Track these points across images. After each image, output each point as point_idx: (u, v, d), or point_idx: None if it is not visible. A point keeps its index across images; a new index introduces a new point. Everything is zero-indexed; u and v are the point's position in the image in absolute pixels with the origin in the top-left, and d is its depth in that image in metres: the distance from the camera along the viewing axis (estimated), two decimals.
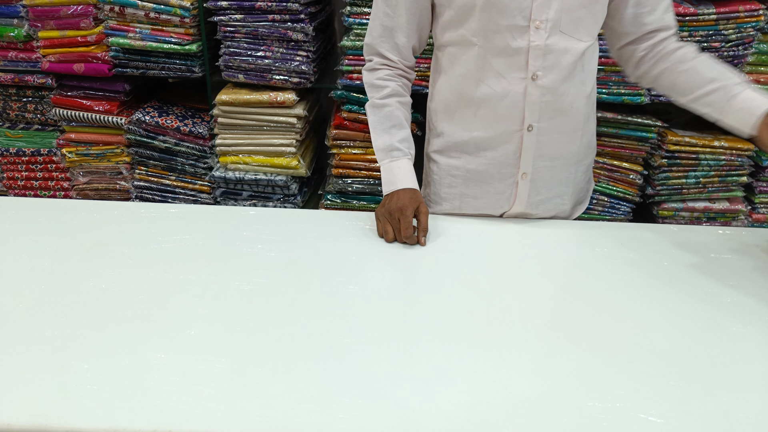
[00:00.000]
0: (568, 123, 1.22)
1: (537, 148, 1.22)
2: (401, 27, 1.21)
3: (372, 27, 1.25)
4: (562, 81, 1.17)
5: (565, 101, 1.19)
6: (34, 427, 0.72)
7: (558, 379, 0.82)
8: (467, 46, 1.17)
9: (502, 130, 1.21)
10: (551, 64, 1.15)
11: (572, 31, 1.14)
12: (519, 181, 1.25)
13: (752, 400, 0.79)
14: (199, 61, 2.29)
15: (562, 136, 1.23)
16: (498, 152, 1.23)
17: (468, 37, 1.15)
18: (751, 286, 1.06)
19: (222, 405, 0.75)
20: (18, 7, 2.26)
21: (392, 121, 1.24)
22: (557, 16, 1.11)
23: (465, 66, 1.19)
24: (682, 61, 1.19)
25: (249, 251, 1.11)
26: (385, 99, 1.24)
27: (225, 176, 2.35)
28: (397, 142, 1.22)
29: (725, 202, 2.40)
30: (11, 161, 2.53)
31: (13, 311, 0.92)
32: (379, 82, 1.25)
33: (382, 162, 1.24)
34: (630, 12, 1.19)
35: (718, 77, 1.14)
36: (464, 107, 1.22)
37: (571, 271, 1.09)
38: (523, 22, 1.11)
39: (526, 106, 1.17)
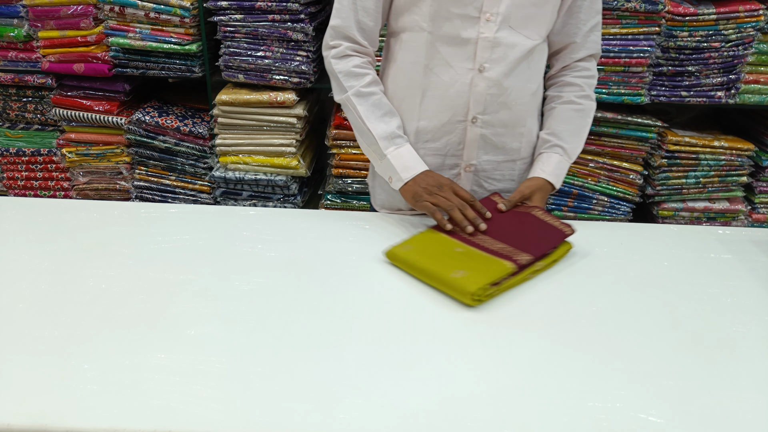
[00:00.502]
0: (511, 117, 1.24)
1: (481, 141, 1.24)
2: (369, 10, 1.19)
3: (340, 9, 1.21)
4: (508, 75, 1.19)
5: (509, 95, 1.21)
6: (34, 427, 0.72)
7: (558, 379, 0.82)
8: (418, 32, 1.18)
9: (447, 120, 1.22)
10: (499, 57, 1.17)
11: (521, 27, 1.17)
12: (462, 173, 1.27)
13: (752, 400, 0.79)
14: (199, 61, 2.29)
15: (505, 130, 1.25)
16: (442, 143, 1.25)
17: (419, 23, 1.16)
18: (751, 286, 1.06)
19: (222, 405, 0.75)
20: (18, 7, 2.26)
21: (383, 109, 1.21)
22: (508, 11, 1.14)
23: (415, 53, 1.20)
24: (552, 100, 1.31)
25: (249, 251, 1.11)
26: (370, 87, 1.21)
27: (225, 176, 2.35)
28: (397, 129, 1.21)
29: (725, 202, 2.40)
30: (11, 161, 2.53)
31: (13, 311, 0.92)
32: (358, 70, 1.22)
33: (387, 150, 1.20)
34: (560, 21, 1.24)
35: (549, 132, 1.28)
36: (411, 96, 1.23)
37: (571, 271, 1.09)
38: (475, 13, 1.14)
39: (471, 97, 1.19)
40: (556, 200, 2.40)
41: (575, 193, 2.40)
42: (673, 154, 2.29)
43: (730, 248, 1.19)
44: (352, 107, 1.21)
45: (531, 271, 1.04)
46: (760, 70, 2.22)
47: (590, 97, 1.29)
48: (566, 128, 1.28)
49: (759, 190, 2.38)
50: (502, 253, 1.04)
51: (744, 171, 2.34)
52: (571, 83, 1.29)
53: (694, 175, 2.34)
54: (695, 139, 2.27)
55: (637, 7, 2.08)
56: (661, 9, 2.09)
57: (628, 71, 2.19)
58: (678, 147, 2.27)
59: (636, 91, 2.21)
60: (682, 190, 2.37)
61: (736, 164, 2.31)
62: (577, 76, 1.28)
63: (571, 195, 2.41)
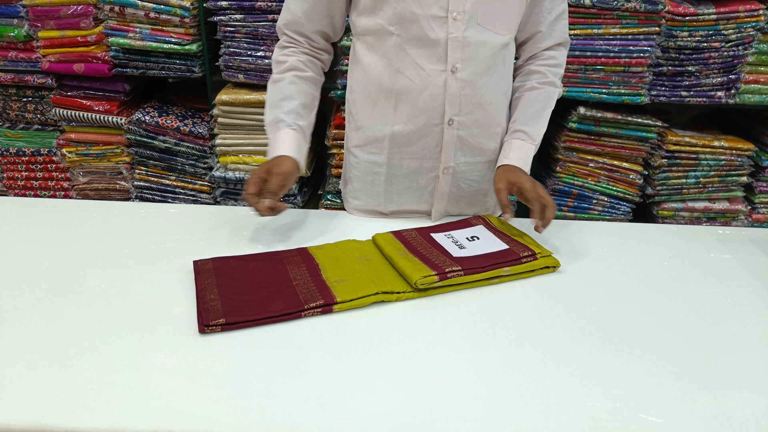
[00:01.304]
0: (487, 118, 1.23)
1: (458, 143, 1.23)
2: (309, 11, 1.20)
3: (283, 10, 1.23)
4: (482, 74, 1.18)
5: (484, 95, 1.20)
6: (34, 427, 0.72)
7: (558, 379, 0.82)
8: (384, 35, 1.15)
9: (423, 124, 1.20)
10: (470, 57, 1.15)
11: (489, 23, 1.15)
12: (440, 175, 1.25)
13: (752, 400, 0.79)
14: (199, 61, 2.29)
15: (481, 131, 1.23)
16: (419, 146, 1.23)
17: (384, 26, 1.14)
18: (751, 286, 1.06)
19: (222, 405, 0.75)
20: (18, 7, 2.26)
21: (282, 94, 1.20)
22: (474, 8, 1.12)
23: (383, 56, 1.17)
24: (516, 90, 1.30)
25: (249, 251, 1.11)
26: (282, 73, 1.22)
27: (225, 176, 2.35)
28: (283, 114, 1.18)
29: (725, 202, 2.41)
30: (11, 161, 2.53)
31: (13, 311, 0.92)
32: (280, 57, 1.23)
33: (270, 136, 1.20)
34: (525, 11, 1.23)
35: (516, 118, 1.27)
36: (383, 100, 1.21)
37: (571, 271, 1.09)
38: (441, 13, 1.11)
39: (446, 99, 1.18)
40: (556, 200, 2.40)
41: (575, 193, 2.40)
42: (673, 154, 2.29)
43: (730, 248, 1.19)
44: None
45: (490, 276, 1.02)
46: (760, 70, 2.22)
47: (553, 84, 1.28)
48: (527, 113, 1.26)
49: (759, 190, 2.38)
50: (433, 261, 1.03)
51: (744, 171, 2.34)
52: (535, 71, 1.28)
53: (694, 175, 2.34)
54: (695, 139, 2.27)
55: (637, 7, 2.08)
56: (661, 9, 2.09)
57: (628, 71, 2.19)
58: (678, 147, 2.27)
59: (636, 91, 2.21)
60: (682, 190, 2.37)
61: (736, 164, 2.31)
62: (541, 64, 1.28)
63: (571, 195, 2.41)
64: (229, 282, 0.98)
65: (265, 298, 0.94)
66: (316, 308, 0.93)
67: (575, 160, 2.36)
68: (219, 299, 0.93)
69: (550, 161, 2.46)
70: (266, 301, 0.94)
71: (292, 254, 1.08)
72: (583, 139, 2.32)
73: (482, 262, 1.03)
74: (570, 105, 2.30)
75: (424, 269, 1.00)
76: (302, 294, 0.95)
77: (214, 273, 1.00)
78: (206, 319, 0.88)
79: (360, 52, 1.22)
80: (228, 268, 1.02)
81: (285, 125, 1.18)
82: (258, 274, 1.01)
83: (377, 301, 0.97)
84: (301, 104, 1.21)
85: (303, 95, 1.22)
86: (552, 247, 1.16)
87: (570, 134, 2.31)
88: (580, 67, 2.19)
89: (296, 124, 1.19)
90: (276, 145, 1.17)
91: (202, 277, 0.99)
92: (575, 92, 2.22)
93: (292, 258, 1.07)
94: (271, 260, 1.06)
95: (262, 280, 0.99)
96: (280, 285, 0.98)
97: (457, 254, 1.06)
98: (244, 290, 0.96)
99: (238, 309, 0.91)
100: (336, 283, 0.98)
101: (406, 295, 0.98)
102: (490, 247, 1.09)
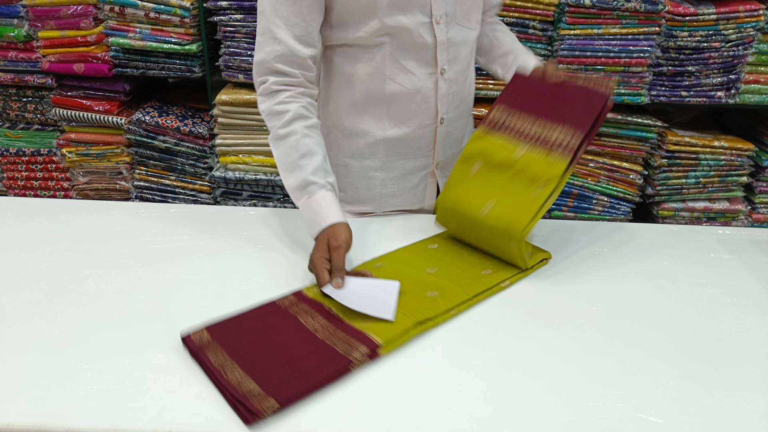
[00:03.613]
0: (466, 108, 1.29)
1: (447, 138, 1.27)
2: (303, 36, 1.08)
3: (262, 42, 1.08)
4: (464, 71, 1.22)
5: (464, 89, 1.25)
6: (34, 427, 0.72)
7: (558, 379, 0.82)
8: (372, 46, 1.13)
9: (416, 126, 1.21)
10: (453, 57, 1.18)
11: (465, 21, 1.18)
12: (435, 170, 1.29)
13: (752, 400, 0.79)
14: (199, 61, 2.29)
15: (462, 121, 1.29)
16: (413, 147, 1.25)
17: (372, 38, 1.11)
18: (751, 286, 1.06)
19: (222, 405, 0.75)
20: (18, 7, 2.26)
21: (300, 151, 1.06)
22: (453, 9, 1.14)
23: (371, 65, 1.14)
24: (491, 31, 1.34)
25: (249, 251, 1.11)
26: (288, 126, 1.07)
27: (225, 176, 2.35)
28: (311, 175, 1.05)
29: (725, 202, 2.41)
30: (11, 161, 2.53)
31: (13, 311, 0.92)
32: (279, 108, 1.08)
33: (299, 202, 1.06)
34: None
35: (513, 48, 1.30)
36: (374, 106, 1.19)
37: (571, 271, 1.09)
38: (425, 19, 1.12)
39: (438, 101, 1.20)
40: (557, 200, 2.40)
41: (575, 193, 2.40)
42: (673, 154, 2.29)
43: (730, 248, 1.19)
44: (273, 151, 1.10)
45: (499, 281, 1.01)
46: (760, 70, 2.22)
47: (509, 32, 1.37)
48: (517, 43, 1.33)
49: (759, 190, 2.38)
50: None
51: (744, 171, 2.34)
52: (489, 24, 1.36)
53: (694, 175, 2.34)
54: (695, 139, 2.27)
55: (637, 7, 2.08)
56: (661, 9, 2.09)
57: (628, 71, 2.19)
58: (678, 147, 2.27)
59: (636, 91, 2.21)
60: (682, 190, 2.37)
61: (736, 164, 2.31)
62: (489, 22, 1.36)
63: (571, 195, 2.41)
64: (245, 354, 0.82)
65: (298, 360, 0.81)
66: (363, 359, 0.82)
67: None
68: (249, 378, 0.78)
69: None
70: (304, 364, 0.80)
71: (291, 302, 0.94)
72: None
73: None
74: None
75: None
76: (338, 346, 0.83)
77: (220, 346, 0.83)
78: (255, 408, 0.72)
79: (339, 63, 1.17)
80: (232, 337, 0.85)
81: (318, 187, 1.05)
82: (273, 336, 0.86)
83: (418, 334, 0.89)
84: (323, 158, 1.08)
85: (320, 147, 1.09)
86: (552, 247, 1.16)
87: None
88: (580, 67, 2.19)
89: (328, 183, 1.06)
90: (319, 213, 1.03)
91: (209, 354, 0.81)
92: None
93: (295, 307, 0.93)
94: (275, 315, 0.91)
95: (281, 341, 0.85)
96: (307, 342, 0.85)
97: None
98: (269, 358, 0.81)
99: (280, 383, 0.77)
100: (363, 324, 0.88)
101: (441, 319, 0.92)
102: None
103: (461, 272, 1.04)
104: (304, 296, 0.96)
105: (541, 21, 2.17)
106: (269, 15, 1.07)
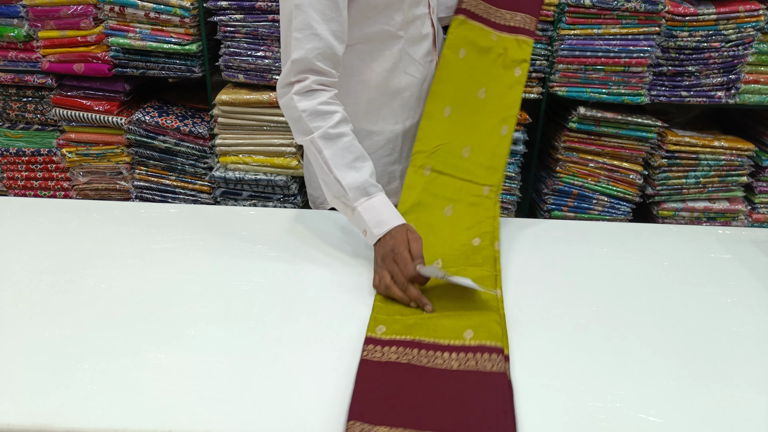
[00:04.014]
0: None
1: None
2: (338, 32, 1.06)
3: (301, 39, 1.03)
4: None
5: None
6: (34, 427, 0.72)
7: (558, 378, 0.82)
8: (390, 40, 1.17)
9: (425, 110, 1.27)
10: (440, 44, 1.29)
11: (441, 11, 1.31)
12: None
13: (752, 400, 0.79)
14: (199, 61, 2.29)
15: None
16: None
17: (392, 31, 1.16)
18: (751, 286, 1.06)
19: (222, 405, 0.75)
20: (18, 7, 2.26)
21: (354, 153, 1.06)
22: (435, 0, 1.25)
23: (389, 60, 1.18)
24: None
25: (249, 251, 1.11)
26: (339, 128, 1.06)
27: (225, 176, 2.35)
28: (370, 176, 1.06)
29: (725, 202, 2.41)
30: (11, 161, 2.53)
31: (13, 311, 0.92)
32: (326, 108, 1.06)
33: (358, 202, 1.04)
34: None
35: None
36: (389, 100, 1.23)
37: (571, 271, 1.09)
38: (425, 9, 1.20)
39: None
40: (557, 200, 2.40)
41: (575, 193, 2.40)
42: (673, 154, 2.29)
43: (730, 248, 1.19)
44: (317, 151, 1.06)
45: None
46: (760, 70, 2.22)
47: None
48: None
49: (759, 190, 2.38)
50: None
51: (744, 171, 2.34)
52: None
53: (694, 175, 2.34)
54: (695, 139, 2.27)
55: (637, 7, 2.08)
56: (661, 9, 2.09)
57: (628, 71, 2.18)
58: (678, 147, 2.27)
59: (636, 91, 2.21)
60: (682, 190, 2.37)
61: (736, 164, 2.31)
62: None
63: (571, 195, 2.40)
64: (414, 418, 0.74)
65: (468, 396, 0.77)
66: (502, 364, 0.81)
67: (575, 160, 2.36)
68: None
69: (550, 161, 2.46)
70: (475, 398, 0.76)
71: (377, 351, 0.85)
72: (583, 139, 2.32)
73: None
74: (570, 105, 2.30)
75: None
76: (471, 365, 0.81)
77: (386, 426, 0.72)
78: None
79: (354, 64, 1.17)
80: (382, 409, 0.75)
81: (377, 190, 1.06)
82: (412, 388, 0.78)
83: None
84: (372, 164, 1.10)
85: (364, 150, 1.10)
86: (552, 246, 1.16)
87: (570, 134, 2.31)
88: (580, 67, 2.19)
89: (381, 187, 1.08)
90: (385, 212, 1.04)
91: None
92: (575, 92, 2.22)
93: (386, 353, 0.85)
94: (386, 368, 0.82)
95: (424, 387, 0.78)
96: (445, 378, 0.80)
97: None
98: (440, 408, 0.75)
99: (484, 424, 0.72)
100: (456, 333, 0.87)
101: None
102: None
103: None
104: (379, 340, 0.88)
105: (541, 21, 2.17)
106: (307, 9, 1.02)
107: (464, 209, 1.16)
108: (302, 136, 1.08)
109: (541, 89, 2.27)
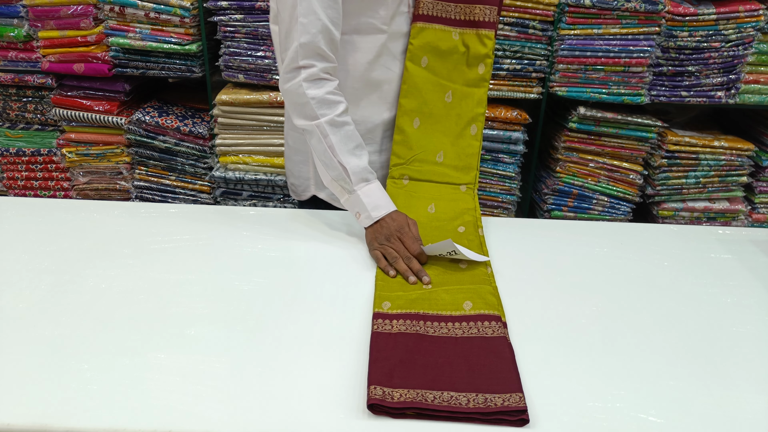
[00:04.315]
0: None
1: None
2: (336, 19, 1.11)
3: (307, 24, 1.07)
4: None
5: None
6: (34, 427, 0.72)
7: (558, 379, 0.82)
8: (374, 33, 1.19)
9: (396, 127, 1.28)
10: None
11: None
12: None
13: (752, 400, 0.79)
14: (199, 61, 2.29)
15: None
16: None
17: (378, 26, 1.19)
18: (751, 286, 1.06)
19: (222, 405, 0.75)
20: (18, 7, 2.26)
21: (355, 141, 1.14)
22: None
23: (371, 52, 1.21)
24: None
25: (249, 251, 1.11)
26: (345, 116, 1.13)
27: (225, 176, 2.35)
28: (367, 164, 1.15)
29: (725, 202, 2.41)
30: (11, 161, 2.53)
31: (13, 311, 0.92)
32: (333, 98, 1.12)
33: (358, 185, 1.12)
34: None
35: None
36: (370, 91, 1.25)
37: (571, 271, 1.09)
38: (406, 8, 1.21)
39: None
40: (557, 200, 2.40)
41: (575, 193, 2.40)
42: (673, 154, 2.29)
43: (730, 248, 1.19)
44: (322, 136, 1.11)
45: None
46: (760, 70, 2.22)
47: None
48: None
49: (759, 190, 2.38)
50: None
51: (744, 171, 2.34)
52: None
53: (694, 175, 2.34)
54: (695, 139, 2.27)
55: (637, 7, 2.08)
56: (661, 9, 2.09)
57: (628, 71, 2.19)
58: (678, 147, 2.27)
59: (636, 91, 2.21)
60: (682, 190, 2.37)
61: (736, 164, 2.31)
62: None
63: (571, 195, 2.41)
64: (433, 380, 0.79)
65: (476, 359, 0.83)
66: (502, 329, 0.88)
67: (575, 160, 2.36)
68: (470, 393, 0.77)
69: (550, 161, 2.46)
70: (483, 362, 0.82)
71: (386, 324, 0.90)
72: (583, 139, 2.32)
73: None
74: (570, 105, 2.30)
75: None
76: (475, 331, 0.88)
77: (405, 388, 0.78)
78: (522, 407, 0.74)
79: (339, 54, 1.19)
80: (400, 375, 0.80)
81: (374, 177, 1.15)
82: (426, 355, 0.84)
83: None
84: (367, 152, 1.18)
85: (362, 140, 1.18)
86: (552, 247, 1.16)
87: (570, 134, 2.31)
88: (580, 67, 2.19)
89: (376, 175, 1.17)
90: (382, 199, 1.13)
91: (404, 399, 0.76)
92: (575, 92, 2.22)
93: (396, 325, 0.90)
94: (399, 338, 0.87)
95: (437, 353, 0.85)
96: (454, 344, 0.86)
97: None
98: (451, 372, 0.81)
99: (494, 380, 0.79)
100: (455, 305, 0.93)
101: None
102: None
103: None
104: (387, 314, 0.92)
105: (541, 21, 2.17)
106: None
107: (446, 205, 1.25)
108: (305, 120, 1.12)
109: (541, 89, 2.27)
